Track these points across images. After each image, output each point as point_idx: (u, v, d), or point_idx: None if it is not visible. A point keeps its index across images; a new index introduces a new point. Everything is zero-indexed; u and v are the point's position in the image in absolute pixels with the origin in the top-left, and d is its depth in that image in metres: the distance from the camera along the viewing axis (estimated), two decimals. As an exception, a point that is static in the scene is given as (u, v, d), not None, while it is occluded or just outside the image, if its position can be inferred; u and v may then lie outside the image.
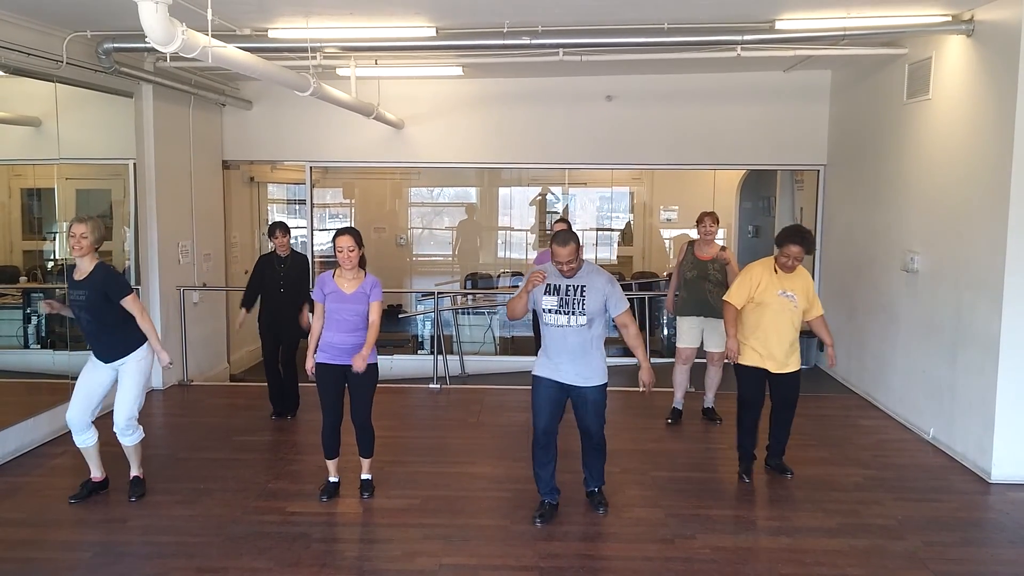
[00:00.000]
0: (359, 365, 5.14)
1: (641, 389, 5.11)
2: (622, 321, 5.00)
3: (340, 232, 5.26)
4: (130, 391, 5.29)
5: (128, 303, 5.20)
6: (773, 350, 5.63)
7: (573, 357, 4.92)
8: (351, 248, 5.19)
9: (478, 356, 10.41)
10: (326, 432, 5.40)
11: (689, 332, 7.08)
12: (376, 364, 5.35)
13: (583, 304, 4.86)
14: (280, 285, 7.05)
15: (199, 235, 9.10)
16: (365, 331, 5.26)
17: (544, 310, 4.92)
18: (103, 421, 5.40)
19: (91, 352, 5.31)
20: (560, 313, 4.88)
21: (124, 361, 5.26)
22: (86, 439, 5.33)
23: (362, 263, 5.35)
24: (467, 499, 5.50)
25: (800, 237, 5.56)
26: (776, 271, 5.66)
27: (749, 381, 5.76)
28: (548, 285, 4.91)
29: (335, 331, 5.24)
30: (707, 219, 6.97)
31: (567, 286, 4.89)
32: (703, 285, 6.92)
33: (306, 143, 9.80)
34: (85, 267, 5.16)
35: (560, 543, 4.81)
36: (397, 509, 5.31)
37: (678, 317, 7.16)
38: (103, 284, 5.14)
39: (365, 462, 5.52)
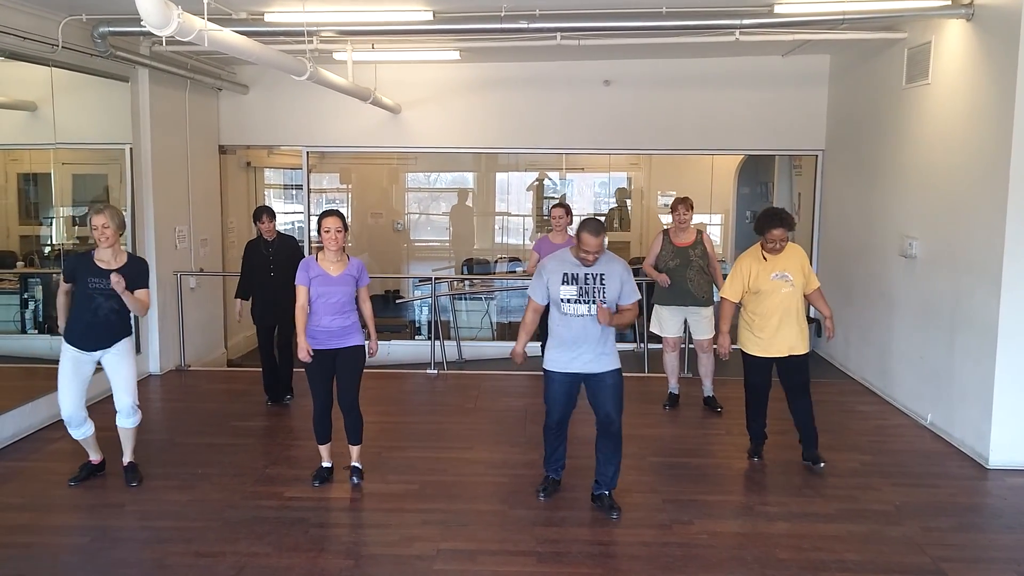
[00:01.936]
0: (374, 351, 5.40)
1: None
2: (626, 309, 4.90)
3: (327, 213, 5.26)
4: (130, 373, 5.32)
5: (144, 294, 5.26)
6: (779, 335, 5.61)
7: (593, 345, 4.81)
8: (339, 229, 5.20)
9: (475, 342, 10.42)
10: (316, 417, 5.40)
11: (671, 320, 7.06)
12: (363, 347, 5.37)
13: (603, 292, 4.77)
14: (270, 269, 7.04)
15: (196, 220, 9.07)
16: (351, 313, 5.31)
17: (563, 300, 4.79)
18: (99, 407, 5.40)
19: (69, 345, 5.20)
20: (580, 302, 4.77)
21: (110, 349, 5.25)
22: (85, 431, 5.34)
23: None
24: (465, 484, 5.51)
25: (779, 220, 5.53)
26: (765, 258, 5.63)
27: (755, 369, 5.77)
28: (565, 275, 4.79)
29: (323, 314, 5.23)
30: (680, 206, 6.90)
31: (586, 274, 4.78)
32: (685, 273, 6.88)
33: (303, 128, 9.75)
34: (117, 257, 5.17)
35: (558, 528, 4.82)
36: (394, 494, 5.31)
37: (658, 306, 7.12)
38: (138, 275, 5.20)
39: (354, 450, 5.50)
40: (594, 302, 4.75)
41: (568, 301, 4.79)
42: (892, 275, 7.45)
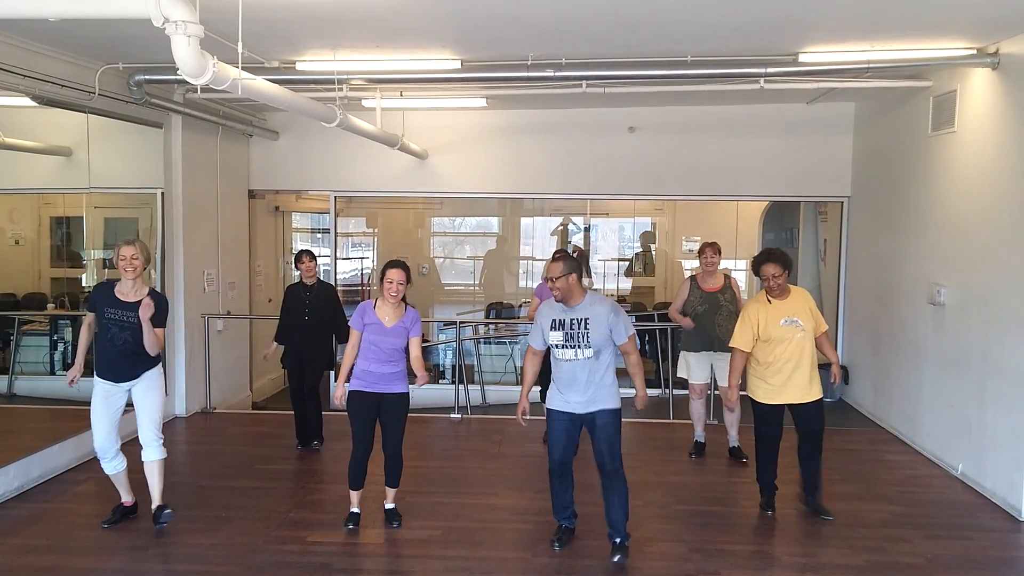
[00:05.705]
0: (423, 381, 5.24)
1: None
2: (625, 349, 4.94)
3: (392, 264, 5.28)
4: (154, 402, 5.34)
5: (160, 333, 5.28)
6: (791, 382, 5.53)
7: (583, 388, 4.88)
8: (401, 282, 5.21)
9: (499, 386, 10.38)
10: (355, 461, 5.37)
11: (698, 366, 6.98)
12: (408, 394, 5.38)
13: (587, 337, 4.82)
14: (305, 313, 7.06)
15: (224, 263, 9.18)
16: (399, 362, 5.32)
17: (553, 345, 4.93)
18: (129, 448, 5.42)
19: (99, 378, 5.28)
20: (567, 347, 4.87)
21: (138, 380, 5.29)
22: (116, 465, 5.35)
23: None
24: (488, 531, 5.47)
25: (769, 256, 5.54)
26: (770, 301, 5.59)
27: (766, 417, 5.67)
28: (553, 320, 4.91)
29: (371, 360, 5.26)
30: (708, 250, 6.86)
31: (571, 320, 4.86)
32: (714, 318, 6.82)
33: (331, 173, 9.89)
34: (137, 291, 5.22)
35: (582, 577, 4.77)
36: (418, 540, 5.28)
37: (684, 352, 7.05)
38: (157, 313, 5.22)
39: (390, 491, 5.51)
40: (579, 347, 4.84)
41: (557, 346, 4.91)
42: (920, 322, 7.38)
